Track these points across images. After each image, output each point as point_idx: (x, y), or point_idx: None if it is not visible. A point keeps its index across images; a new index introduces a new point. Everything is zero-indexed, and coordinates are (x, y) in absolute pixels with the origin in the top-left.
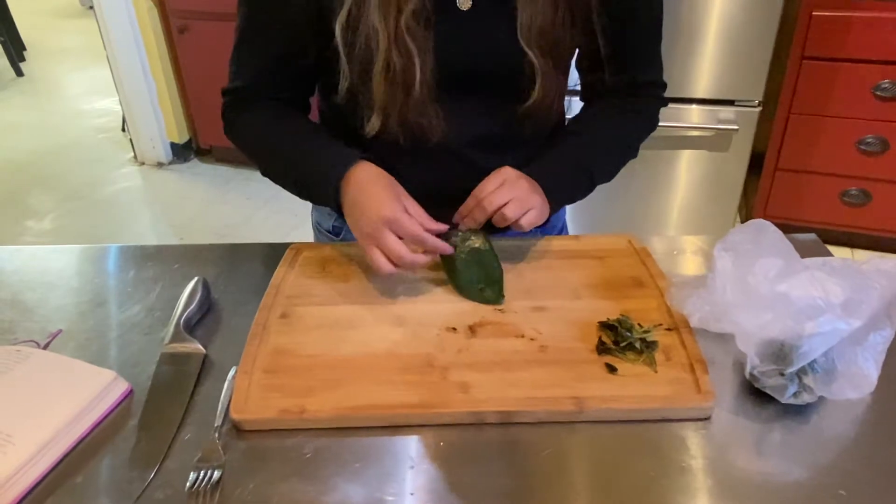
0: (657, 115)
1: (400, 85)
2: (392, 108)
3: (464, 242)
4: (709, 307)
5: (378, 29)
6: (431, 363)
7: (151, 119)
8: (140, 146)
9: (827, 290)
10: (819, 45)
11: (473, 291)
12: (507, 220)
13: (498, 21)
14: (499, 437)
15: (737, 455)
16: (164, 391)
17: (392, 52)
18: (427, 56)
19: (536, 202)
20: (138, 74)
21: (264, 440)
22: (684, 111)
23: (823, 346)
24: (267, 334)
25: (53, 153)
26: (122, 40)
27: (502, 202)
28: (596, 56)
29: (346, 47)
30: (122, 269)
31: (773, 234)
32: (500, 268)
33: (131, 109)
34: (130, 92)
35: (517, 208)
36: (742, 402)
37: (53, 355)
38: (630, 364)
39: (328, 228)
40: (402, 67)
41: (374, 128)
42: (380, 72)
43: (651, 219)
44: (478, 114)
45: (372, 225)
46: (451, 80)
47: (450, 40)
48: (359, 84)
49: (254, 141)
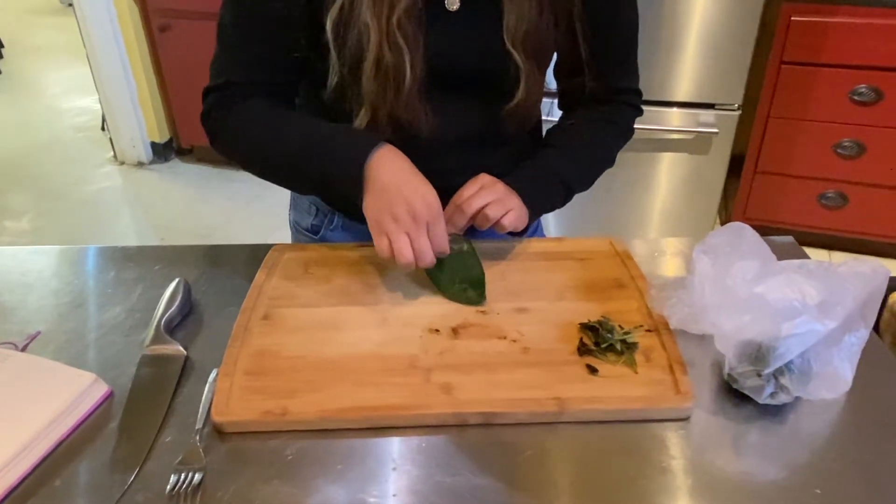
0: (632, 125)
1: (390, 81)
2: (381, 104)
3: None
4: (688, 309)
5: (370, 25)
6: (414, 365)
7: (132, 118)
8: (120, 145)
9: (803, 292)
10: (798, 50)
11: (456, 292)
12: (489, 221)
13: (485, 22)
14: (481, 438)
15: (715, 455)
16: (144, 393)
17: (383, 48)
18: (417, 54)
19: (515, 203)
20: (118, 73)
21: (246, 442)
22: (665, 114)
23: (800, 347)
24: (249, 336)
25: (32, 152)
26: (102, 38)
27: (482, 204)
28: (576, 61)
29: (336, 42)
30: (103, 271)
31: (751, 237)
32: (482, 269)
33: (111, 108)
34: (110, 90)
35: (498, 209)
36: (721, 403)
37: (32, 357)
38: (611, 365)
39: (306, 227)
40: (393, 64)
41: (362, 123)
42: (370, 68)
43: (632, 221)
44: (464, 111)
45: (415, 217)
46: (440, 78)
47: (439, 39)
48: (349, 79)
49: (252, 133)
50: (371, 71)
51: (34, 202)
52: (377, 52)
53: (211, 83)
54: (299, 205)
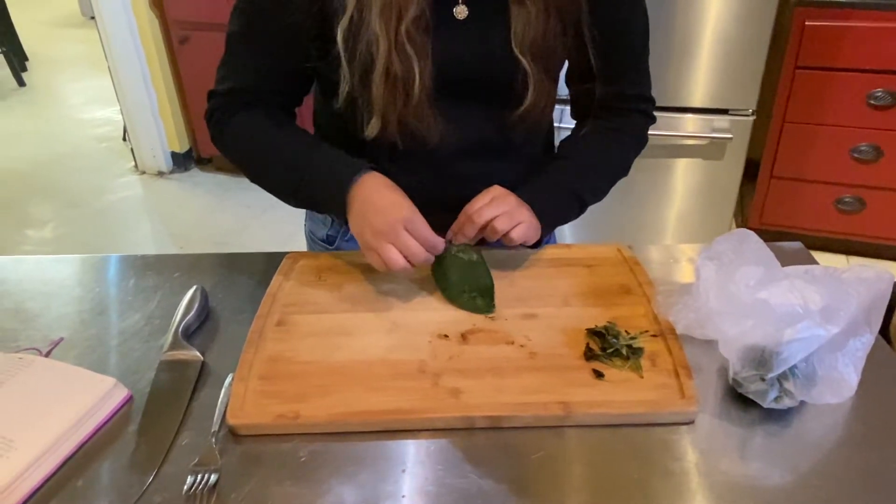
0: (646, 133)
1: (399, 90)
2: (391, 112)
3: (457, 254)
4: (693, 314)
5: (379, 35)
6: (424, 369)
7: (152, 128)
8: (141, 155)
9: (806, 298)
10: (812, 55)
11: (465, 300)
12: (498, 233)
13: (493, 30)
14: (489, 442)
15: (720, 458)
16: (162, 397)
17: (392, 57)
18: (426, 62)
19: (525, 216)
20: (139, 84)
21: (260, 445)
22: (679, 120)
23: (803, 352)
24: (263, 342)
25: (54, 162)
26: (123, 50)
27: (492, 216)
28: (586, 68)
29: (347, 52)
30: (123, 278)
31: (755, 243)
32: (491, 278)
33: (132, 119)
34: (131, 101)
35: (507, 221)
36: (725, 407)
37: (55, 362)
38: (617, 370)
39: (322, 238)
40: (402, 73)
41: (373, 131)
42: (380, 76)
43: (648, 227)
44: (473, 118)
45: (389, 223)
46: (448, 86)
47: (447, 47)
48: (359, 88)
49: (249, 144)
50: (380, 80)
51: (56, 211)
52: (386, 60)
53: (215, 87)
54: (315, 215)
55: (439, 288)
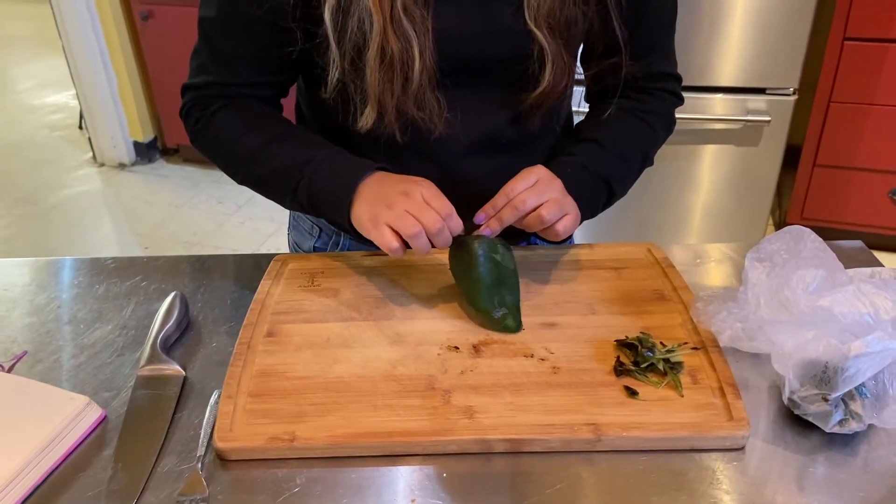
0: (673, 116)
1: (397, 72)
2: (388, 99)
3: (488, 255)
4: (740, 324)
5: (372, 9)
6: (433, 385)
7: (112, 115)
8: (99, 145)
9: (875, 305)
10: (863, 25)
11: (493, 319)
12: (544, 224)
13: (502, 0)
14: (507, 468)
15: (775, 491)
16: (141, 418)
17: (388, 35)
18: (426, 40)
19: (571, 206)
20: (97, 66)
21: (251, 470)
22: (708, 101)
23: (872, 369)
24: (252, 354)
25: (2, 153)
26: (79, 28)
27: (538, 203)
28: (610, 43)
29: (336, 31)
30: (91, 284)
31: (813, 242)
32: (519, 292)
33: (89, 104)
34: (88, 85)
35: (555, 210)
36: (780, 431)
37: (19, 379)
38: (652, 387)
39: (307, 250)
40: (399, 52)
41: (367, 122)
42: (374, 58)
43: (671, 223)
44: (482, 105)
45: (404, 189)
46: (453, 67)
47: (450, 22)
48: (351, 73)
49: (236, 144)
50: (375, 61)
51: (5, 208)
52: (381, 39)
53: (190, 80)
54: (300, 225)
55: (460, 287)
